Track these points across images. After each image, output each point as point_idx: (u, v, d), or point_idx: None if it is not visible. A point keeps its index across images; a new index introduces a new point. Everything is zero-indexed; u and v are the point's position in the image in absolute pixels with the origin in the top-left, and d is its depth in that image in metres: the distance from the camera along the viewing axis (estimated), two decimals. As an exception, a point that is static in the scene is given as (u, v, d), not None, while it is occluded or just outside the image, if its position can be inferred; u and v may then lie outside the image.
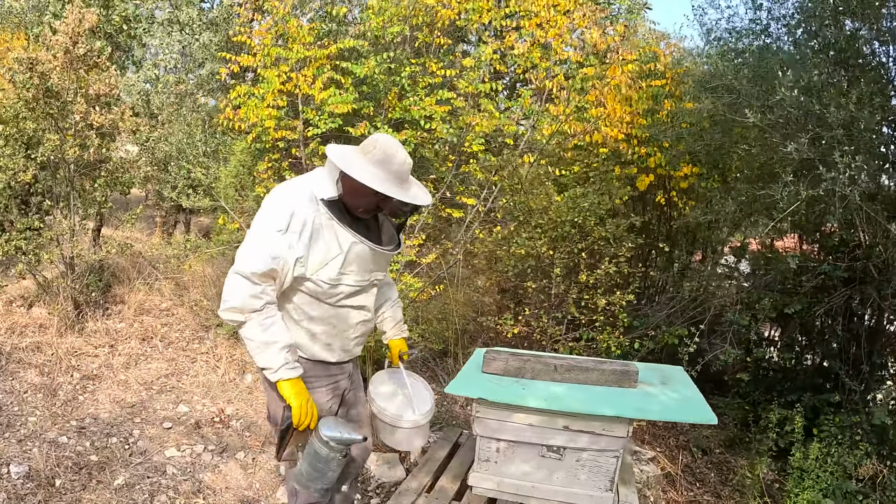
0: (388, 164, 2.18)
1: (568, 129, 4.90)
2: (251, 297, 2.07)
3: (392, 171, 2.18)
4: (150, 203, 8.68)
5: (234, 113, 5.02)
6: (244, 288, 2.07)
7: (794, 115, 3.60)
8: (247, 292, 2.07)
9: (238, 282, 2.09)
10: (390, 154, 2.18)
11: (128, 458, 3.67)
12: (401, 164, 2.20)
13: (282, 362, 2.14)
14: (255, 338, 2.11)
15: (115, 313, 5.70)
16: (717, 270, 5.40)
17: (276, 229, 2.09)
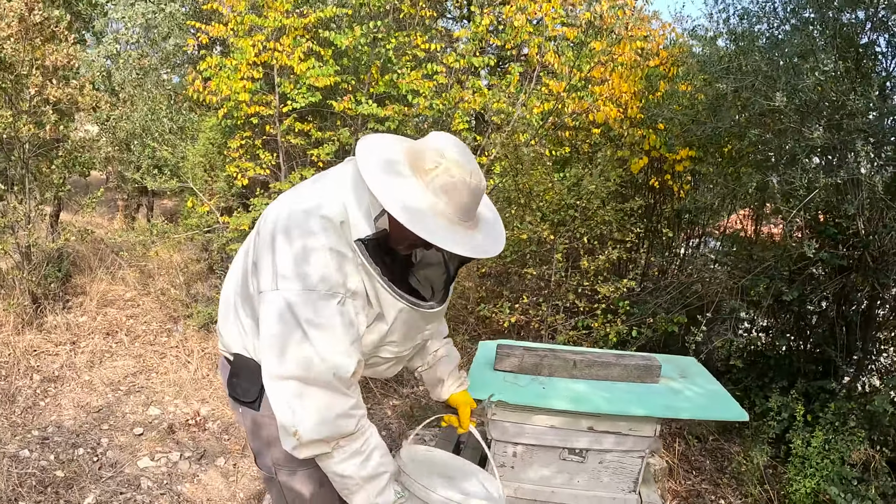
0: (457, 191, 1.50)
1: (568, 106, 4.64)
2: (340, 418, 1.46)
3: (459, 205, 1.52)
4: (112, 186, 8.23)
5: (203, 85, 4.64)
6: (323, 404, 1.45)
7: (813, 101, 3.44)
8: (329, 412, 1.45)
9: (310, 396, 1.45)
10: (460, 178, 1.49)
11: (97, 472, 3.34)
12: (472, 190, 1.52)
13: (391, 499, 1.59)
14: (351, 474, 1.53)
15: (76, 306, 5.32)
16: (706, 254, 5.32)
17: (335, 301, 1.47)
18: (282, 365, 1.46)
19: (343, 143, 4.53)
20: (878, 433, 3.86)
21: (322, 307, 1.46)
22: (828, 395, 4.07)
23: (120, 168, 6.89)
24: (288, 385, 1.46)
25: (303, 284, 1.45)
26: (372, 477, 1.55)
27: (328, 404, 1.46)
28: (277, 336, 1.47)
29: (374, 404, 4.34)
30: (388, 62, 4.71)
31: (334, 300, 1.47)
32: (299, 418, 1.45)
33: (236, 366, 1.73)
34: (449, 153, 1.50)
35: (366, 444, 1.54)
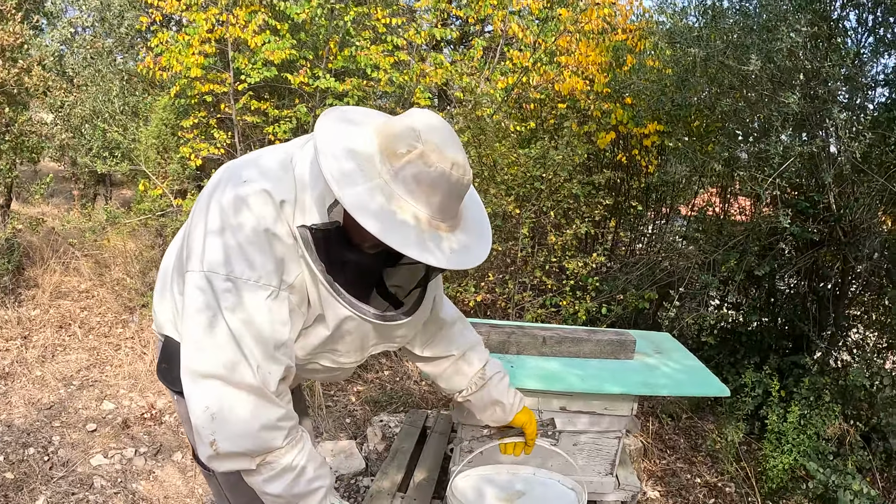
0: (431, 184, 1.24)
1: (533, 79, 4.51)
2: (266, 431, 1.26)
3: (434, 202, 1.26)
4: (66, 175, 7.93)
5: (154, 62, 4.41)
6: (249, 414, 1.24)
7: (787, 68, 3.38)
8: (255, 423, 1.24)
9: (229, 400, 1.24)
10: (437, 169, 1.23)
11: (48, 472, 3.15)
12: (452, 183, 1.25)
13: None
14: (281, 493, 1.32)
15: (28, 299, 5.08)
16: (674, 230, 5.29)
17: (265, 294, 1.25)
18: (201, 361, 1.24)
19: (301, 120, 4.34)
20: (851, 407, 3.85)
21: (250, 300, 1.24)
22: (801, 371, 4.06)
23: (72, 154, 6.61)
24: (207, 386, 1.24)
25: (229, 270, 1.23)
26: (306, 494, 1.35)
27: (253, 413, 1.24)
28: (198, 327, 1.25)
29: (337, 391, 4.20)
30: (346, 35, 4.52)
31: (264, 293, 1.24)
32: (218, 426, 1.23)
33: (167, 350, 1.51)
34: (427, 136, 1.23)
35: (297, 458, 1.32)
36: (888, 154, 3.36)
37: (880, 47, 3.48)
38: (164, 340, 1.54)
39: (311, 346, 1.41)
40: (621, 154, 5.04)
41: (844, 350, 4.31)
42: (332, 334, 1.39)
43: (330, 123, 1.29)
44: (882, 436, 3.73)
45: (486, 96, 4.50)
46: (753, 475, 3.47)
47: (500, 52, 4.66)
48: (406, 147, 1.22)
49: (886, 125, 3.35)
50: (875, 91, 3.70)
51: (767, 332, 4.58)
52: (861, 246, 3.76)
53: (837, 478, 3.11)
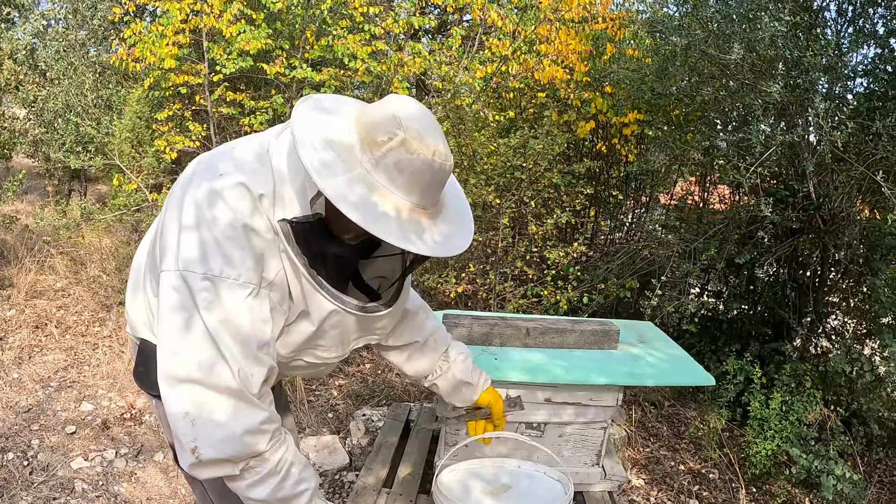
0: (413, 173, 1.21)
1: (512, 67, 4.48)
2: (248, 435, 1.22)
3: (416, 189, 1.23)
4: (40, 171, 7.77)
5: (127, 53, 4.31)
6: (230, 419, 1.20)
7: (769, 57, 3.41)
8: (238, 427, 1.20)
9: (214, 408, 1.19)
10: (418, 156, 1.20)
11: (28, 477, 3.08)
12: (435, 171, 1.23)
13: None
14: (267, 497, 1.29)
15: (3, 299, 4.98)
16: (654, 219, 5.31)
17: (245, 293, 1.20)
18: (179, 365, 1.20)
19: (277, 111, 4.28)
20: (831, 394, 3.90)
21: (229, 298, 1.19)
22: (781, 358, 4.09)
23: (45, 149, 6.47)
24: (185, 390, 1.19)
25: (206, 268, 1.18)
26: (291, 497, 1.32)
27: (234, 417, 1.20)
28: (175, 329, 1.20)
29: (319, 385, 4.16)
30: (323, 24, 4.46)
31: (244, 291, 1.20)
32: (199, 432, 1.19)
33: (143, 353, 1.46)
34: (408, 123, 1.20)
35: (281, 461, 1.29)
36: (867, 143, 3.38)
37: (860, 38, 3.50)
38: (139, 343, 1.49)
39: (294, 344, 1.36)
40: (601, 143, 5.04)
41: (824, 337, 4.36)
42: (317, 329, 1.35)
43: (307, 112, 1.25)
44: (862, 421, 3.78)
45: (465, 86, 4.47)
46: (737, 461, 3.49)
47: (478, 40, 4.62)
48: (387, 135, 1.19)
49: (866, 114, 3.37)
50: (855, 81, 3.72)
51: (748, 320, 4.61)
52: (840, 234, 3.79)
53: (820, 463, 3.14)
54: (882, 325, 3.69)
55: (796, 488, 3.40)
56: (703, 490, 3.44)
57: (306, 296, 1.30)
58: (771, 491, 3.37)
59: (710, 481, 3.52)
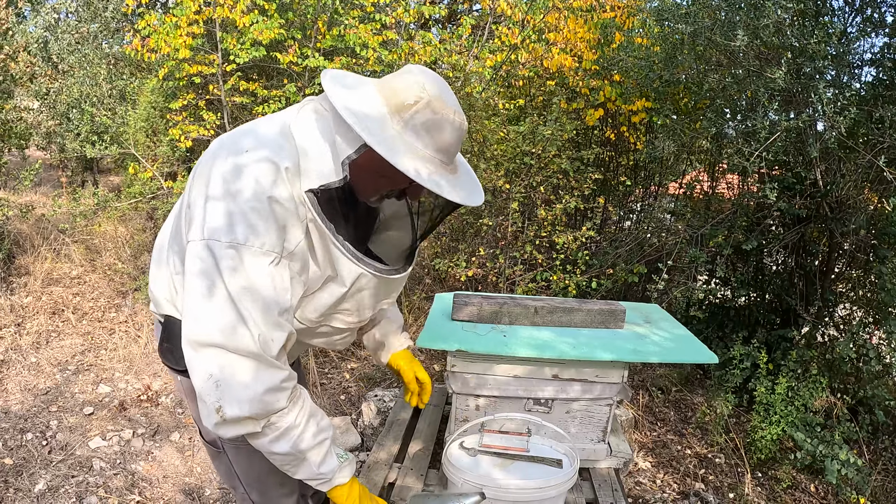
0: (439, 131, 1.30)
1: (521, 56, 4.52)
2: (269, 393, 1.27)
3: (443, 145, 1.32)
4: (54, 162, 7.86)
5: (142, 44, 4.37)
6: (247, 377, 1.25)
7: (773, 44, 3.42)
8: (259, 387, 1.26)
9: (232, 368, 1.25)
10: (443, 116, 1.30)
11: (47, 457, 3.16)
12: (456, 129, 1.33)
13: (335, 465, 1.43)
14: (288, 450, 1.35)
15: (20, 287, 5.07)
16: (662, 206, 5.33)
17: (268, 261, 1.25)
18: (202, 330, 1.24)
19: (290, 99, 4.33)
20: (838, 381, 3.91)
21: (252, 267, 1.24)
22: (788, 344, 4.10)
23: (60, 140, 6.56)
24: (209, 354, 1.25)
25: (231, 238, 1.23)
26: (311, 448, 1.38)
27: (255, 378, 1.26)
28: (199, 295, 1.25)
29: (331, 368, 4.22)
30: (335, 13, 4.50)
31: (267, 259, 1.25)
32: (223, 393, 1.25)
33: (167, 329, 1.50)
34: (430, 88, 1.30)
35: (299, 416, 1.35)
36: (874, 131, 3.39)
37: (867, 27, 3.51)
38: (163, 320, 1.54)
39: (324, 306, 1.42)
40: (610, 131, 5.07)
41: (831, 325, 4.37)
42: (347, 292, 1.41)
43: (336, 88, 1.32)
44: (868, 408, 3.77)
45: (475, 74, 4.50)
46: (742, 446, 3.52)
47: (488, 29, 4.65)
48: (414, 99, 1.28)
49: (872, 102, 3.38)
50: (862, 70, 3.73)
51: (755, 307, 4.63)
52: (847, 222, 3.79)
53: (825, 448, 3.15)
54: (889, 314, 3.70)
55: (801, 473, 3.43)
56: (709, 474, 3.47)
57: (334, 262, 1.37)
58: (776, 476, 3.39)
59: (716, 465, 3.54)
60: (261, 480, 1.71)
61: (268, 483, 1.72)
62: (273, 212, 1.25)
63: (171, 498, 2.96)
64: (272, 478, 1.69)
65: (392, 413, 2.93)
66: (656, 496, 3.14)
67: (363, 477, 2.29)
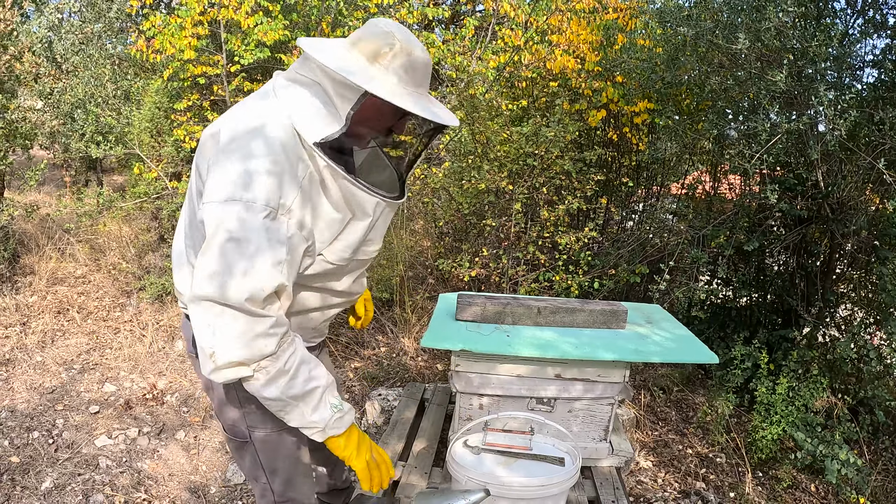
0: (414, 70, 1.48)
1: (524, 57, 4.54)
2: (258, 338, 1.34)
3: (420, 80, 1.50)
4: (57, 162, 7.88)
5: (147, 45, 4.40)
6: (239, 325, 1.32)
7: (775, 47, 3.44)
8: (249, 333, 1.33)
9: (225, 318, 1.32)
10: (416, 55, 1.47)
11: (53, 455, 3.19)
12: (426, 64, 1.52)
13: (328, 415, 1.48)
14: (279, 395, 1.42)
15: (24, 286, 5.09)
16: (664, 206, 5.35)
17: (263, 214, 1.33)
18: (198, 284, 1.33)
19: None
20: (839, 381, 3.92)
21: (246, 221, 1.32)
22: (789, 344, 4.12)
23: (64, 140, 6.58)
24: (205, 306, 1.33)
25: (228, 195, 1.33)
26: (302, 395, 1.44)
27: (246, 325, 1.33)
28: (200, 253, 1.36)
29: (335, 367, 4.25)
30: (339, 15, 4.53)
31: (261, 214, 1.33)
32: (217, 340, 1.33)
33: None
34: (398, 35, 1.46)
35: (290, 361, 1.41)
36: (875, 133, 3.41)
37: (869, 28, 3.52)
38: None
39: (356, 242, 1.54)
40: (612, 132, 5.08)
41: (832, 326, 4.38)
42: (370, 222, 1.54)
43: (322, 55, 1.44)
44: (869, 409, 3.78)
45: (479, 75, 4.53)
46: (743, 446, 3.53)
47: (491, 31, 4.68)
48: (387, 46, 1.44)
49: (873, 104, 3.40)
50: (864, 71, 3.74)
51: (757, 307, 4.64)
52: (848, 223, 3.80)
53: (825, 448, 3.16)
54: (890, 314, 3.71)
55: (802, 473, 3.44)
56: (710, 473, 3.49)
57: (350, 200, 1.48)
58: (777, 475, 3.41)
59: (716, 465, 3.56)
60: (286, 470, 1.77)
61: (292, 473, 1.78)
62: (274, 174, 1.35)
63: (177, 496, 2.99)
64: (298, 468, 1.78)
65: (396, 412, 2.95)
66: (657, 495, 3.16)
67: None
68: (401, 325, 4.69)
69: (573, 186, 4.29)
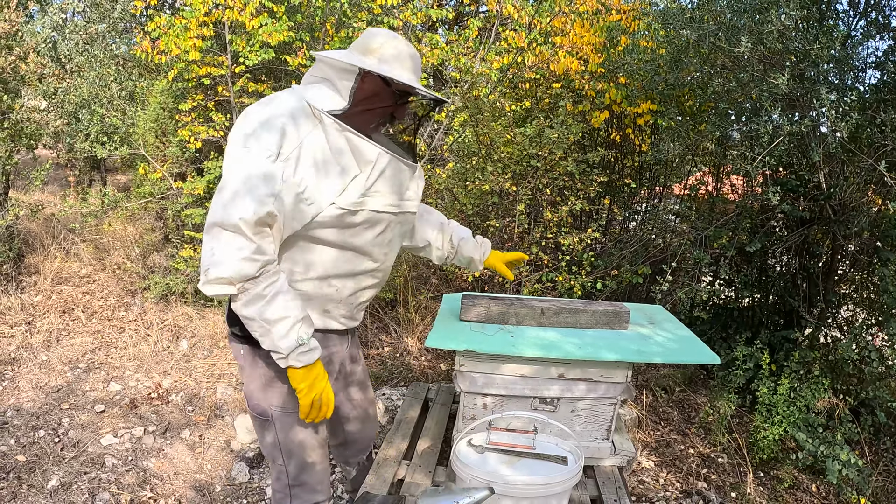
0: (401, 59, 1.78)
1: (528, 59, 4.55)
2: (243, 261, 1.55)
3: (411, 68, 1.81)
4: (61, 161, 7.91)
5: (152, 46, 4.42)
6: (232, 247, 1.54)
7: (777, 50, 3.46)
8: (237, 254, 1.54)
9: (222, 240, 1.55)
10: (402, 49, 1.79)
11: (60, 454, 3.21)
12: (413, 56, 1.82)
13: (293, 344, 1.65)
14: (254, 315, 1.61)
15: (29, 285, 5.12)
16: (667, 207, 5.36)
17: (265, 156, 1.59)
18: (210, 214, 1.59)
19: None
20: (840, 382, 3.93)
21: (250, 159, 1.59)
22: (791, 345, 4.12)
23: (69, 140, 6.61)
24: (212, 232, 1.57)
25: (240, 143, 1.62)
26: (275, 321, 1.62)
27: (236, 248, 1.55)
28: (216, 191, 1.61)
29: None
30: (343, 16, 4.55)
31: (265, 154, 1.59)
32: (214, 259, 1.55)
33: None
34: (384, 34, 1.80)
35: (269, 288, 1.61)
36: (877, 135, 3.42)
37: (872, 30, 3.53)
38: None
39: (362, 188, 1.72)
40: (615, 133, 5.09)
41: (834, 327, 4.39)
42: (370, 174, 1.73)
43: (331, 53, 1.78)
44: (870, 410, 3.78)
45: (482, 76, 4.54)
46: (745, 446, 3.55)
47: (495, 32, 4.69)
48: (375, 43, 1.78)
49: (875, 106, 3.41)
50: (866, 73, 3.75)
51: (759, 308, 4.65)
52: (850, 224, 3.81)
53: (826, 449, 3.17)
54: (892, 315, 3.72)
55: (803, 473, 3.45)
56: (712, 473, 3.50)
57: (354, 152, 1.71)
58: (778, 476, 3.42)
59: (718, 465, 3.58)
60: (301, 454, 1.94)
61: (307, 457, 1.95)
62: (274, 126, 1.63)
63: (182, 494, 3.01)
64: (312, 454, 1.95)
65: (400, 411, 2.97)
66: (659, 494, 3.18)
67: (373, 473, 2.34)
68: (404, 325, 4.71)
69: (576, 187, 4.30)
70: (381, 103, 1.77)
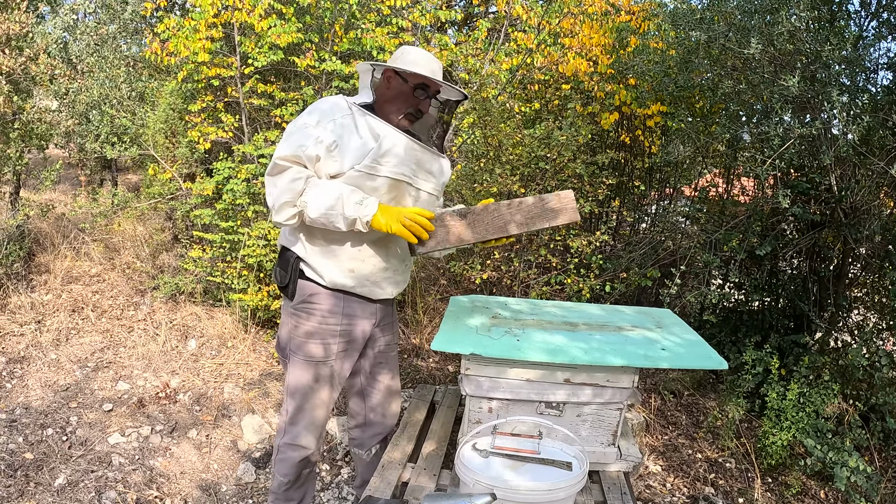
0: (417, 60, 2.13)
1: (537, 60, 4.54)
2: (292, 182, 1.99)
3: (429, 68, 2.14)
4: (73, 161, 7.97)
5: (161, 47, 4.44)
6: (280, 179, 2.00)
7: (787, 51, 3.43)
8: (285, 181, 1.99)
9: (273, 178, 2.02)
10: (421, 54, 2.15)
11: (67, 452, 3.23)
12: (434, 61, 2.17)
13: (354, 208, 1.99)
14: (319, 214, 1.98)
15: (40, 284, 5.15)
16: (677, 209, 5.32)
17: (302, 126, 2.03)
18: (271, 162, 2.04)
19: (307, 102, 4.39)
20: (850, 387, 3.90)
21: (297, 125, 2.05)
22: (801, 350, 4.09)
23: (80, 140, 6.65)
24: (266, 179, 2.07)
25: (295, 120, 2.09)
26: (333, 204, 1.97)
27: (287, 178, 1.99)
28: None
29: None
30: (352, 17, 4.55)
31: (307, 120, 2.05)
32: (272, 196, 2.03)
33: (279, 256, 2.26)
34: (412, 49, 2.18)
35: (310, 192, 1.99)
36: (889, 137, 3.38)
37: (884, 30, 3.50)
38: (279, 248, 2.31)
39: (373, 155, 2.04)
40: (625, 134, 5.07)
41: (845, 331, 4.35)
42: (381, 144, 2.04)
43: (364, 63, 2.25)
44: (880, 416, 3.75)
45: (491, 77, 4.53)
46: (753, 451, 3.52)
47: (504, 33, 4.68)
48: (400, 52, 2.18)
49: (887, 108, 3.37)
50: (878, 74, 3.71)
51: (769, 312, 4.61)
52: (862, 227, 3.78)
53: (835, 455, 3.14)
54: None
55: (811, 479, 3.43)
56: (720, 478, 3.48)
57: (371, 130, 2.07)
58: (786, 481, 3.39)
59: (726, 470, 3.56)
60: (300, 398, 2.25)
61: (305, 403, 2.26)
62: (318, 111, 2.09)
63: (189, 493, 3.02)
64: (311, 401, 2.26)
65: (406, 414, 2.97)
66: (666, 499, 3.16)
67: (377, 476, 2.33)
68: (412, 326, 4.71)
69: (585, 189, 4.29)
70: (402, 97, 2.13)
